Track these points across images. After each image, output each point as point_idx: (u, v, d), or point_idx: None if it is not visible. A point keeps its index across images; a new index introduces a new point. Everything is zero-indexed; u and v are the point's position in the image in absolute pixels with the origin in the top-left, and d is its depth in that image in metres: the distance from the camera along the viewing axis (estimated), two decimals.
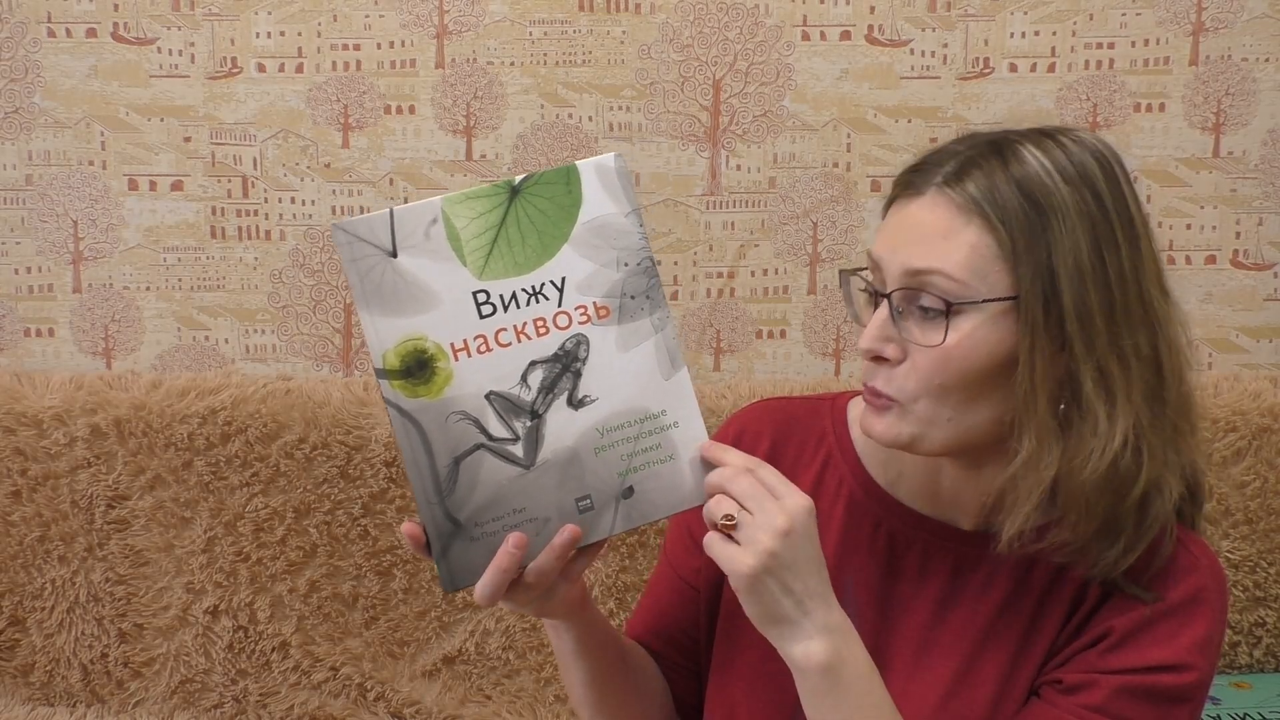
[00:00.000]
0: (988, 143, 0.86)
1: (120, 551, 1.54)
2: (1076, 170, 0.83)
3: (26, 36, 1.61)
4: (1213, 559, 0.90)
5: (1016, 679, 0.89)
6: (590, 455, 0.81)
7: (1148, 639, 0.86)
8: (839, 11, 1.58)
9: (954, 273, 0.82)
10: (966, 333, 0.82)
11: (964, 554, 0.91)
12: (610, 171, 0.83)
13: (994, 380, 0.83)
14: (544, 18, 1.59)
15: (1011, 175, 0.83)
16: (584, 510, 0.81)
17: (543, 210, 0.81)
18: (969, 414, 0.84)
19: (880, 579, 0.92)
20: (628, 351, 0.82)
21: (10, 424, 1.54)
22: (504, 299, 0.80)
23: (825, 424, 0.99)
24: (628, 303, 0.82)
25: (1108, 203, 0.83)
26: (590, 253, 0.82)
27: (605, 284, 0.82)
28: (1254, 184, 1.61)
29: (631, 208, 0.84)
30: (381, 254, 0.78)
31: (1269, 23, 1.58)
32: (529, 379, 0.80)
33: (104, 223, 1.65)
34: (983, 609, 0.90)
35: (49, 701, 1.57)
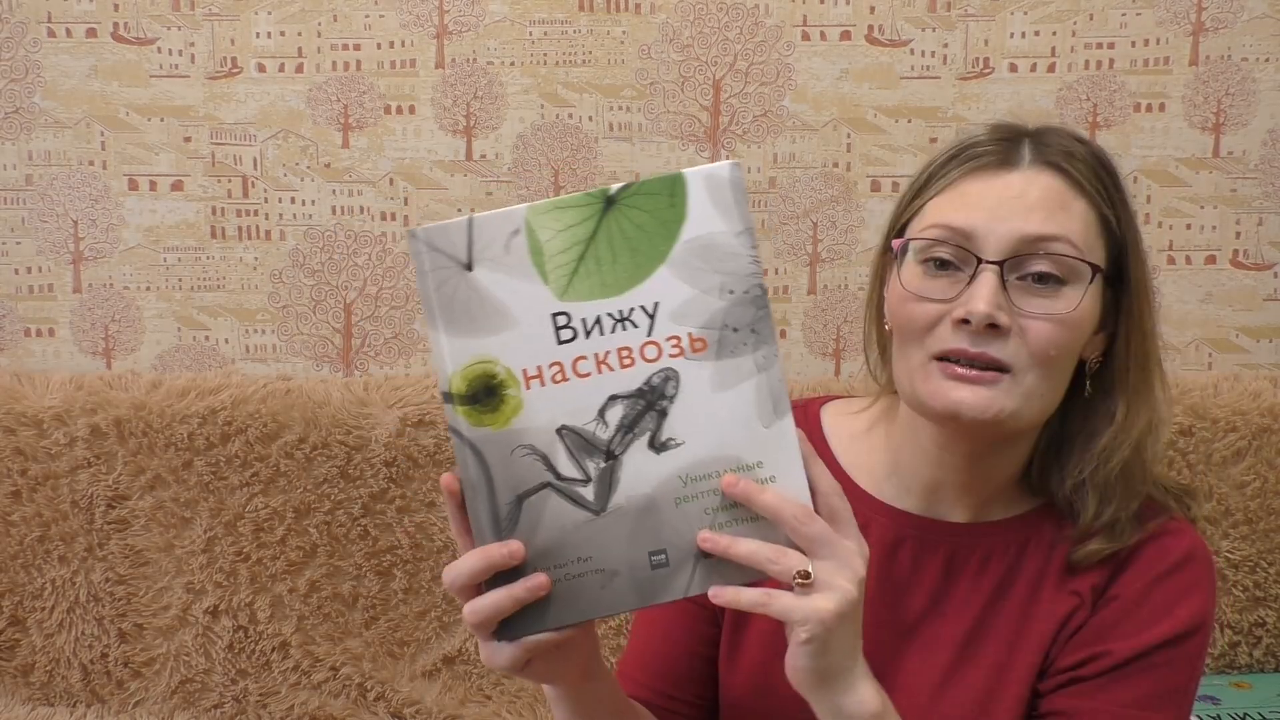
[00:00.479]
0: (1051, 128, 0.90)
1: (120, 551, 1.54)
2: (1111, 162, 0.90)
3: (26, 36, 1.61)
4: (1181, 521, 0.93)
5: (1013, 666, 0.90)
6: (670, 505, 0.72)
7: (1147, 613, 0.88)
8: (839, 11, 1.58)
9: (1078, 240, 0.84)
10: (1082, 303, 0.84)
11: (956, 546, 0.92)
12: (723, 183, 0.72)
13: (1074, 356, 0.87)
14: (544, 18, 1.59)
15: (1097, 157, 0.88)
16: (657, 566, 0.72)
17: (640, 225, 0.71)
18: (1052, 391, 0.86)
19: (873, 580, 0.92)
20: (724, 392, 0.71)
21: (10, 424, 1.54)
22: (586, 323, 0.71)
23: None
24: (729, 336, 0.71)
25: (1127, 193, 0.90)
26: (690, 276, 0.71)
27: (705, 313, 0.71)
28: (1254, 184, 1.61)
29: (744, 226, 0.72)
30: (456, 265, 0.71)
31: (1269, 23, 1.58)
32: (607, 415, 0.71)
33: (104, 223, 1.65)
34: (976, 598, 0.91)
35: (49, 701, 1.57)
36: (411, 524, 1.53)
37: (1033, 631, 0.90)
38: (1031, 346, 0.83)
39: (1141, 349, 0.88)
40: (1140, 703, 0.86)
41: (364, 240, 1.64)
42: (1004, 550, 0.92)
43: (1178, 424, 1.48)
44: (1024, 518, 0.93)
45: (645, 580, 0.72)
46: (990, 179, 0.86)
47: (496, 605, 0.70)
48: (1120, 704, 0.86)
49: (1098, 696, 0.87)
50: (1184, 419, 1.49)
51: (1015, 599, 0.91)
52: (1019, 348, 0.83)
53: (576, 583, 0.72)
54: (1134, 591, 0.88)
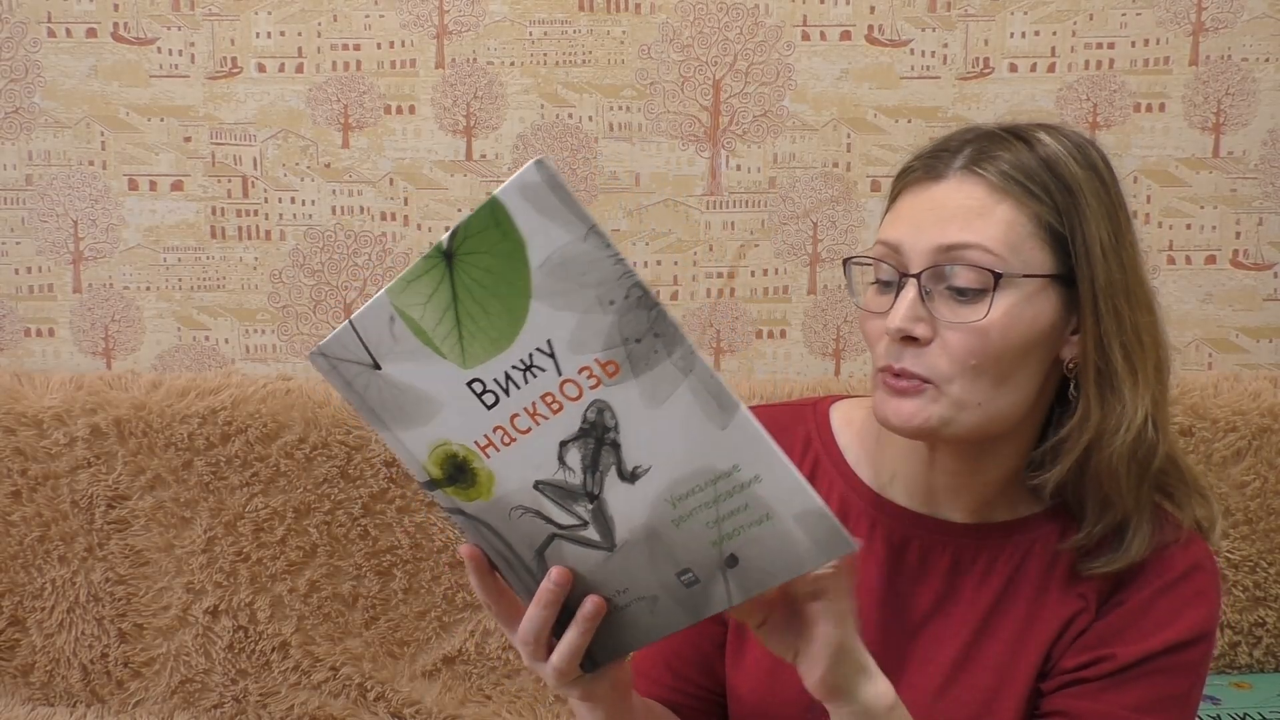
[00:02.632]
0: (999, 130, 0.88)
1: (120, 551, 1.54)
2: (1085, 156, 0.87)
3: (26, 36, 1.61)
4: (1190, 533, 0.92)
5: (1016, 666, 0.90)
6: (670, 529, 0.69)
7: (1151, 622, 0.88)
8: (839, 11, 1.58)
9: (993, 247, 0.83)
10: (1004, 309, 0.83)
11: (962, 547, 0.92)
12: (538, 188, 0.62)
13: (1023, 361, 0.85)
14: (544, 18, 1.59)
15: (1038, 155, 0.86)
16: (690, 584, 0.70)
17: (487, 268, 0.64)
18: (1001, 397, 0.85)
19: (880, 579, 0.93)
20: (661, 406, 0.66)
21: (10, 424, 1.54)
22: (500, 383, 0.67)
23: (810, 429, 0.99)
24: (635, 349, 0.65)
25: (1111, 188, 0.87)
26: (564, 301, 0.64)
27: (599, 334, 0.65)
28: (1254, 184, 1.61)
29: (586, 226, 0.62)
30: (366, 368, 0.69)
31: (1269, 23, 1.58)
32: (567, 460, 0.68)
33: (104, 223, 1.65)
34: (981, 600, 0.91)
35: (49, 701, 1.57)
36: (411, 524, 1.53)
37: (1036, 632, 0.90)
38: (951, 355, 0.83)
39: (1098, 350, 0.86)
40: (1141, 707, 0.86)
41: (364, 240, 1.64)
42: (1011, 552, 0.92)
43: (1177, 424, 1.48)
44: (1029, 520, 0.92)
45: (686, 598, 0.71)
46: (919, 192, 0.87)
47: (573, 646, 0.72)
48: (1122, 707, 0.86)
49: (1099, 698, 0.87)
50: (1184, 419, 1.49)
51: (1020, 600, 0.91)
52: (938, 358, 0.83)
53: (628, 611, 0.72)
54: (1140, 599, 0.88)
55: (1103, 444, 0.86)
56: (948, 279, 0.84)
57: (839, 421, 0.99)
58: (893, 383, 0.85)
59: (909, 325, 0.83)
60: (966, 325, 0.83)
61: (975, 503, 0.92)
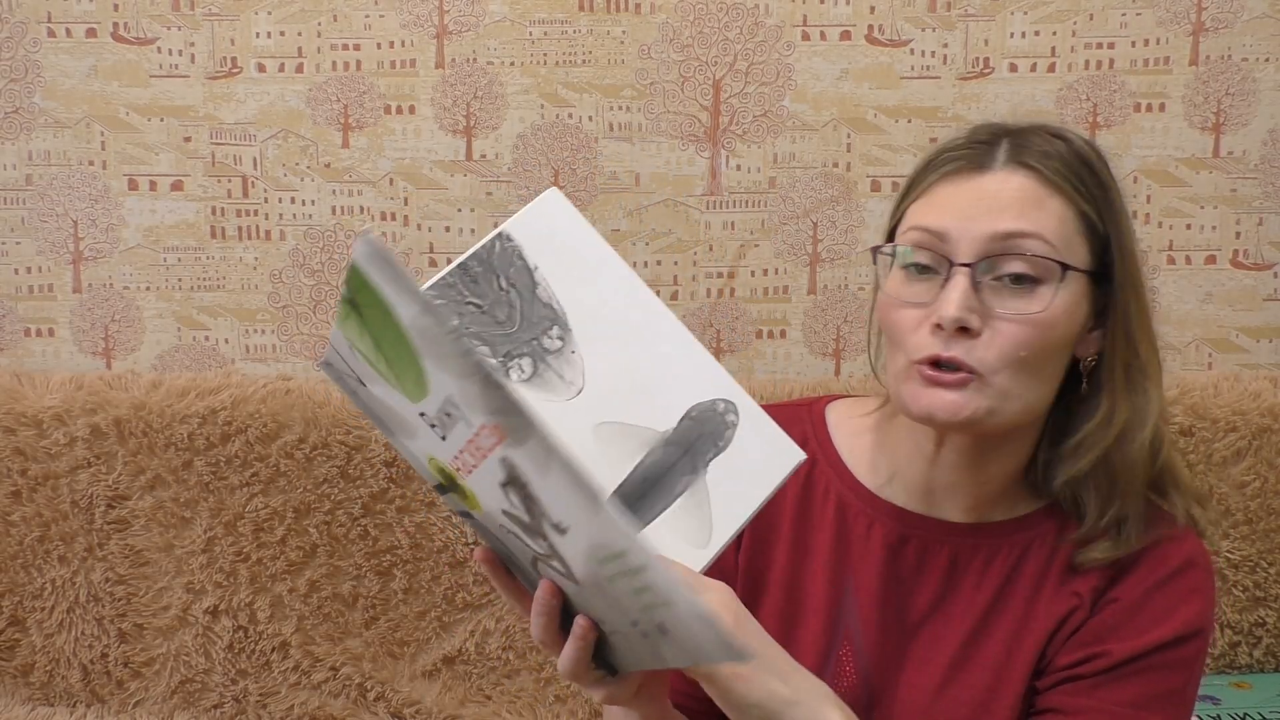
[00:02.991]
0: (1032, 127, 0.89)
1: (120, 551, 1.54)
2: (1099, 158, 0.89)
3: (26, 36, 1.61)
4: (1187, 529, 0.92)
5: (1013, 664, 0.90)
6: (607, 584, 0.65)
7: (1147, 616, 0.88)
8: (839, 11, 1.58)
9: (1051, 239, 0.84)
10: (1062, 303, 0.84)
11: (960, 546, 0.92)
12: (371, 257, 0.58)
13: (1058, 355, 0.86)
14: (544, 18, 1.59)
15: (1076, 152, 0.87)
16: (644, 636, 0.68)
17: (379, 321, 0.62)
18: (1033, 390, 0.85)
19: (878, 578, 0.93)
20: (547, 476, 0.61)
21: (10, 424, 1.54)
22: (438, 422, 0.65)
23: (805, 430, 0.99)
24: (504, 421, 0.61)
25: (1119, 189, 0.89)
26: (441, 365, 0.61)
27: (475, 400, 0.61)
28: (1254, 184, 1.61)
29: (418, 305, 0.58)
30: (358, 382, 0.70)
31: (1269, 23, 1.58)
32: (511, 498, 0.65)
33: (104, 223, 1.65)
34: (979, 599, 0.91)
35: (49, 701, 1.57)
36: (411, 524, 1.53)
37: (1032, 630, 0.90)
38: (1002, 348, 0.83)
39: (1128, 347, 0.88)
40: (1135, 703, 0.87)
41: None
42: (1008, 551, 0.92)
43: (1177, 424, 1.48)
44: (1027, 519, 0.93)
45: (645, 646, 0.69)
46: (963, 182, 0.86)
47: (571, 658, 0.73)
48: (1116, 703, 0.87)
49: (1094, 695, 0.87)
50: (1184, 419, 1.49)
51: (1017, 599, 0.91)
52: (988, 350, 0.83)
53: (614, 637, 0.72)
54: (1133, 595, 0.89)
55: (1126, 440, 0.87)
56: (1000, 269, 0.83)
57: (835, 421, 0.99)
58: (934, 374, 0.84)
59: (965, 315, 0.82)
60: (1023, 317, 0.83)
61: (974, 501, 0.92)
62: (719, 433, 0.81)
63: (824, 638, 0.93)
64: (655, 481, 0.80)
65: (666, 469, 0.81)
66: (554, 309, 0.82)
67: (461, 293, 0.81)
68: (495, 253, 0.82)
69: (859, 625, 0.92)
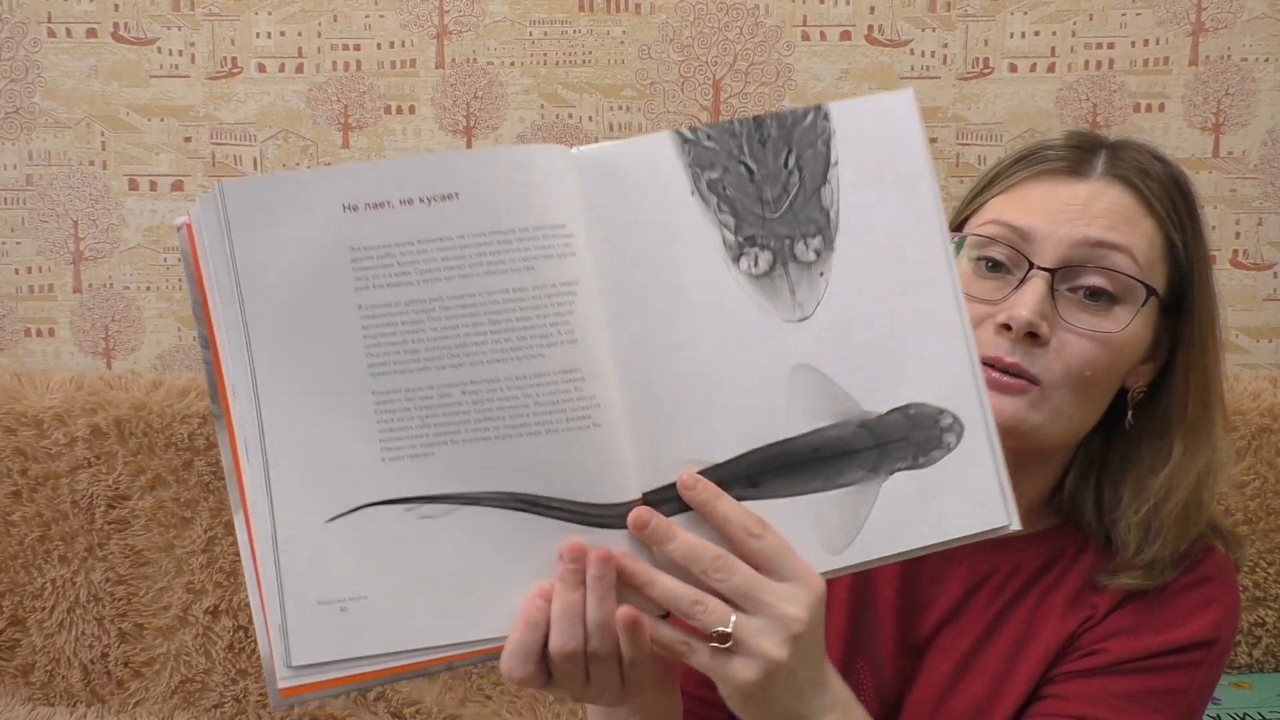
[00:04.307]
0: (1130, 142, 0.86)
1: (120, 551, 1.55)
2: (1191, 187, 0.86)
3: (27, 36, 1.62)
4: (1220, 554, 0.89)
5: (1013, 676, 0.88)
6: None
7: (1160, 620, 0.85)
8: (839, 11, 1.58)
9: (1140, 258, 0.80)
10: (1134, 325, 0.80)
11: (978, 560, 0.89)
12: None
13: (1117, 381, 0.83)
14: (544, 18, 1.59)
15: (1173, 175, 0.84)
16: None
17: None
18: (1084, 412, 0.82)
19: (897, 594, 0.91)
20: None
21: (10, 424, 1.54)
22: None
23: None
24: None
25: (1205, 223, 0.86)
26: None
27: None
28: (1254, 184, 1.61)
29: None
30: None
31: (1269, 23, 1.58)
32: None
33: (104, 223, 1.65)
34: (989, 612, 0.89)
35: (49, 701, 1.57)
36: None
37: (1037, 643, 0.88)
38: (1068, 363, 0.79)
39: (1202, 385, 0.84)
40: (1130, 695, 0.84)
41: None
42: (1025, 566, 0.89)
43: None
44: (1048, 533, 0.90)
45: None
46: (1057, 185, 0.83)
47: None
48: (1111, 694, 0.84)
49: (1088, 683, 0.85)
50: None
51: (1022, 611, 0.89)
52: (1054, 361, 0.79)
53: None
54: (1146, 601, 0.86)
55: (1201, 488, 0.83)
56: (1079, 280, 0.80)
57: None
58: (994, 376, 0.80)
59: (1038, 320, 0.79)
60: (1096, 335, 0.79)
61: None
62: (926, 446, 0.68)
63: (844, 654, 0.90)
64: (826, 459, 0.67)
65: (845, 452, 0.68)
66: (828, 218, 0.69)
67: (742, 148, 0.69)
68: (803, 124, 0.69)
69: (877, 642, 0.90)
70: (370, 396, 0.65)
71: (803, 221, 0.69)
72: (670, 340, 0.67)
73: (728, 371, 0.67)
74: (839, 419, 0.68)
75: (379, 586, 0.65)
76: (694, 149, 0.68)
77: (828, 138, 0.69)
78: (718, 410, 0.67)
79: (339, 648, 0.65)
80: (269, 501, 0.66)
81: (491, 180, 0.64)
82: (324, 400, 0.65)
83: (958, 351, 0.68)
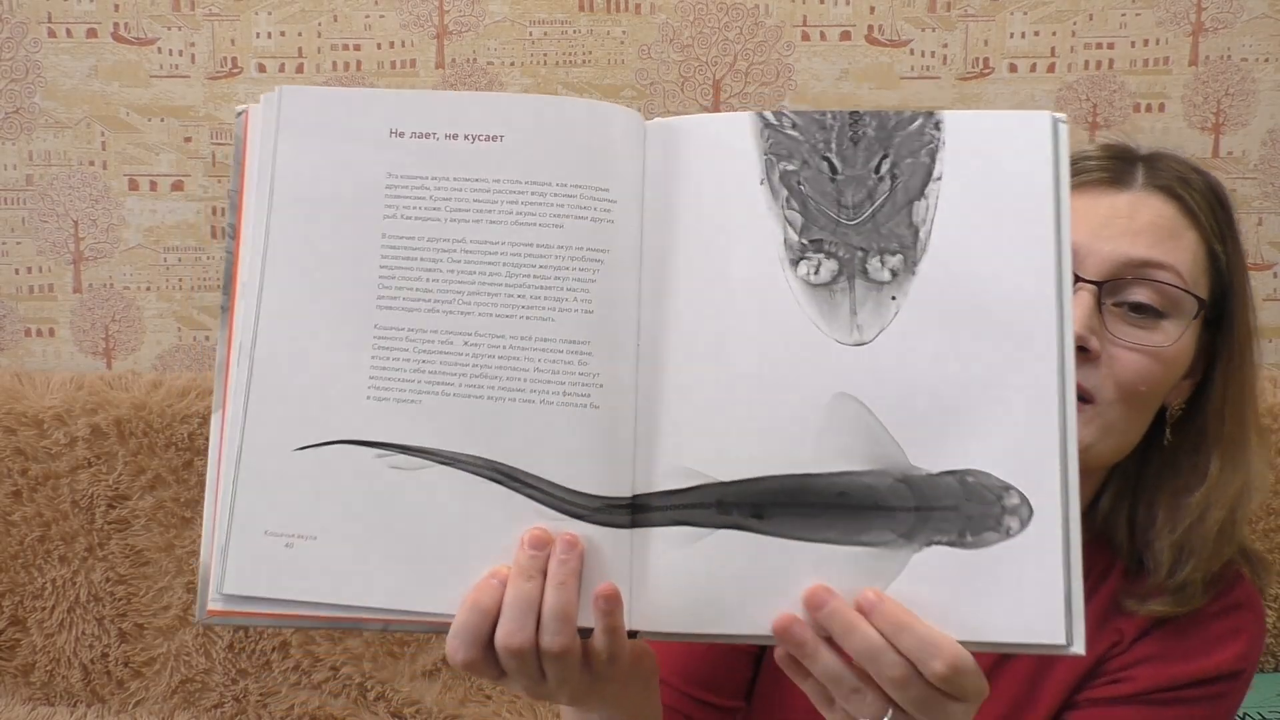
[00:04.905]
0: (1164, 153, 0.84)
1: (121, 551, 1.55)
2: (1228, 197, 0.85)
3: (27, 37, 1.62)
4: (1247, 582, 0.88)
5: (1034, 700, 0.85)
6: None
7: (1183, 649, 0.83)
8: (839, 11, 1.58)
9: (1185, 273, 0.79)
10: (1184, 339, 0.79)
11: None
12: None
13: (1161, 397, 0.81)
14: (544, 18, 1.59)
15: (1213, 189, 0.83)
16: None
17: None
18: (1133, 429, 0.80)
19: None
20: None
21: (10, 424, 1.54)
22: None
23: None
24: None
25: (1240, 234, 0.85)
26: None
27: None
28: (1254, 184, 1.61)
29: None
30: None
31: (1269, 23, 1.58)
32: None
33: (104, 223, 1.65)
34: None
35: (49, 701, 1.57)
36: None
37: (1061, 667, 0.85)
38: (1120, 378, 0.77)
39: (1239, 400, 0.82)
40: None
41: None
42: None
43: None
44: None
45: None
46: (1098, 196, 0.81)
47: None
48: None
49: (1117, 711, 0.83)
50: None
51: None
52: (1106, 377, 0.77)
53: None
54: (1174, 627, 0.84)
55: (1237, 509, 0.82)
56: (1125, 294, 0.78)
57: None
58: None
59: (1087, 334, 0.76)
60: (1148, 349, 0.77)
61: None
62: (980, 524, 0.58)
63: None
64: (851, 508, 0.59)
65: (876, 506, 0.59)
66: (916, 237, 0.61)
67: (829, 142, 0.62)
68: (907, 129, 0.62)
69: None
70: (372, 329, 0.63)
71: (884, 235, 0.61)
72: (701, 333, 0.61)
73: (758, 382, 0.60)
74: (877, 465, 0.59)
75: (332, 530, 0.62)
76: (774, 135, 0.63)
77: (934, 149, 0.61)
78: (737, 422, 0.61)
79: (274, 585, 0.62)
80: (244, 413, 0.66)
81: (541, 129, 0.62)
82: (325, 323, 0.64)
83: (1047, 426, 0.58)
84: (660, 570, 0.60)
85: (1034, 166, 0.61)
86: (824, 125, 0.62)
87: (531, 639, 0.59)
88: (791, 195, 0.62)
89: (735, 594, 0.59)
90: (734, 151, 0.63)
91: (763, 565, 0.59)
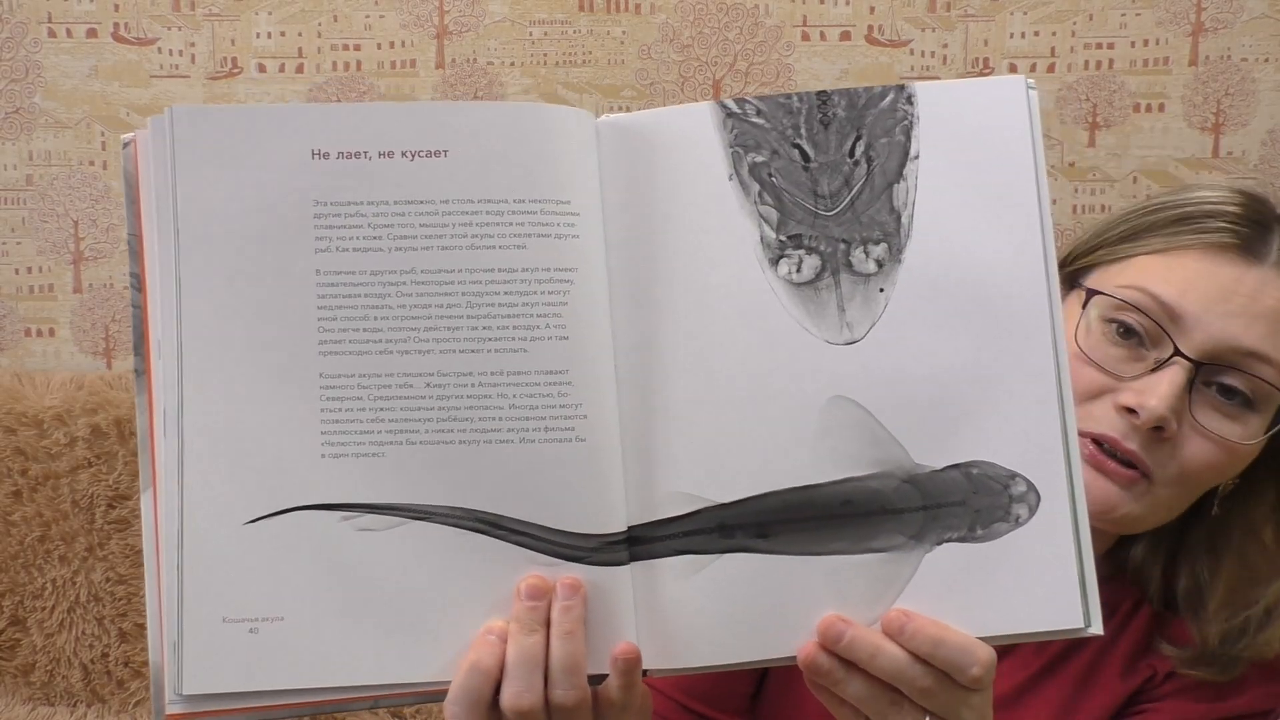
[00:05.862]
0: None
1: (121, 551, 1.55)
2: None
3: (27, 37, 1.62)
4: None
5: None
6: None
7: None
8: (839, 12, 1.58)
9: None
10: (1255, 435, 0.74)
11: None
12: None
13: (1221, 482, 0.78)
14: (544, 18, 1.59)
15: None
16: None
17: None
18: (1183, 505, 0.77)
19: None
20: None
21: (10, 424, 1.54)
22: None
23: None
24: None
25: None
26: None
27: None
28: (1253, 184, 1.61)
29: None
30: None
31: (1269, 23, 1.58)
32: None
33: (104, 223, 1.65)
34: (1039, 659, 0.84)
35: (49, 701, 1.57)
36: None
37: (1091, 703, 0.82)
38: (1186, 465, 0.73)
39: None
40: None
41: None
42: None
43: None
44: (1102, 584, 0.87)
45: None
46: (1222, 264, 0.74)
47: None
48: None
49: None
50: None
51: (1078, 663, 0.83)
52: (1171, 459, 0.73)
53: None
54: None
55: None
56: (1221, 376, 0.73)
57: None
58: (1102, 459, 0.73)
59: (1170, 417, 0.71)
60: (1223, 441, 0.73)
61: None
62: (989, 516, 0.57)
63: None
64: (858, 515, 0.57)
65: (883, 510, 0.57)
66: (899, 223, 0.57)
67: (798, 128, 0.58)
68: (879, 105, 0.57)
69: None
70: (316, 379, 0.56)
71: (866, 224, 0.57)
72: (683, 349, 0.57)
73: (748, 394, 0.57)
74: (881, 468, 0.57)
75: (300, 608, 0.56)
76: (738, 125, 0.58)
77: (909, 125, 0.57)
78: (730, 439, 0.57)
79: (242, 677, 0.56)
80: (179, 489, 0.56)
81: (490, 139, 0.56)
82: (261, 377, 0.56)
83: (1047, 410, 0.56)
84: (667, 604, 0.57)
85: (1014, 137, 0.57)
86: (790, 109, 0.58)
87: (541, 698, 0.56)
88: (764, 189, 0.58)
89: (748, 620, 0.56)
90: (697, 147, 0.58)
91: (773, 586, 0.56)
